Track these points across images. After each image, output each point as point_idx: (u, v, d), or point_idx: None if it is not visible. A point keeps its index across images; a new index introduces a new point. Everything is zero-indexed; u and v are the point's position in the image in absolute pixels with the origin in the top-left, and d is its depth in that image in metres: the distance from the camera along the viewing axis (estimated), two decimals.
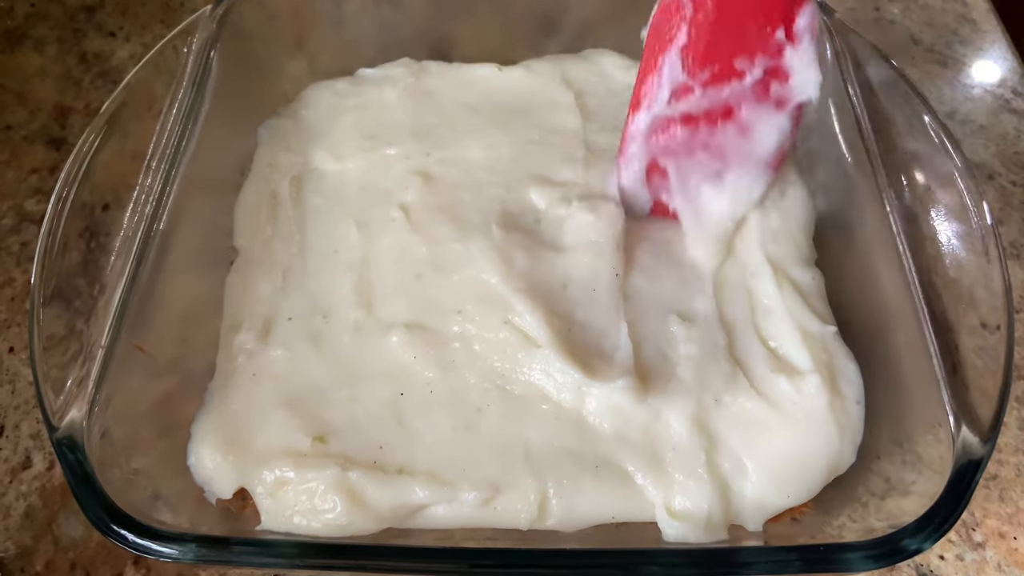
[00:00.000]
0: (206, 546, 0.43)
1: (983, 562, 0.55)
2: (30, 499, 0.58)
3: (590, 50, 0.75)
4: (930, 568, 0.55)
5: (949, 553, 0.56)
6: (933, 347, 0.48)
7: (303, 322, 0.57)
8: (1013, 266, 0.69)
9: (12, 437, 0.61)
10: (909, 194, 0.54)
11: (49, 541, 0.56)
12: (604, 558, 0.43)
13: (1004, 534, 0.56)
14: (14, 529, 0.57)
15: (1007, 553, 0.56)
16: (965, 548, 0.56)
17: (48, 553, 0.56)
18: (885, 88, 0.58)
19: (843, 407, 0.52)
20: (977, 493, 0.56)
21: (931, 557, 0.56)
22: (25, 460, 0.60)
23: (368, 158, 0.66)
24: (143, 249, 0.53)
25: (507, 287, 0.56)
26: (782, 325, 0.55)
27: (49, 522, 0.57)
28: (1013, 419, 0.61)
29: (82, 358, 0.48)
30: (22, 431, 0.61)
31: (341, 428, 0.53)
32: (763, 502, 0.50)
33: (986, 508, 0.57)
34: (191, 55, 0.61)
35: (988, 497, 0.58)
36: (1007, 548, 0.56)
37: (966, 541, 0.56)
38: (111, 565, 0.55)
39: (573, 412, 0.53)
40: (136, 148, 0.56)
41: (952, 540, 0.56)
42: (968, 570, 0.55)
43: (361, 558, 0.44)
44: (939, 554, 0.56)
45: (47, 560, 0.56)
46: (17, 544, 0.56)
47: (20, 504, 0.58)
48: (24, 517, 0.57)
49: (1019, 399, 0.62)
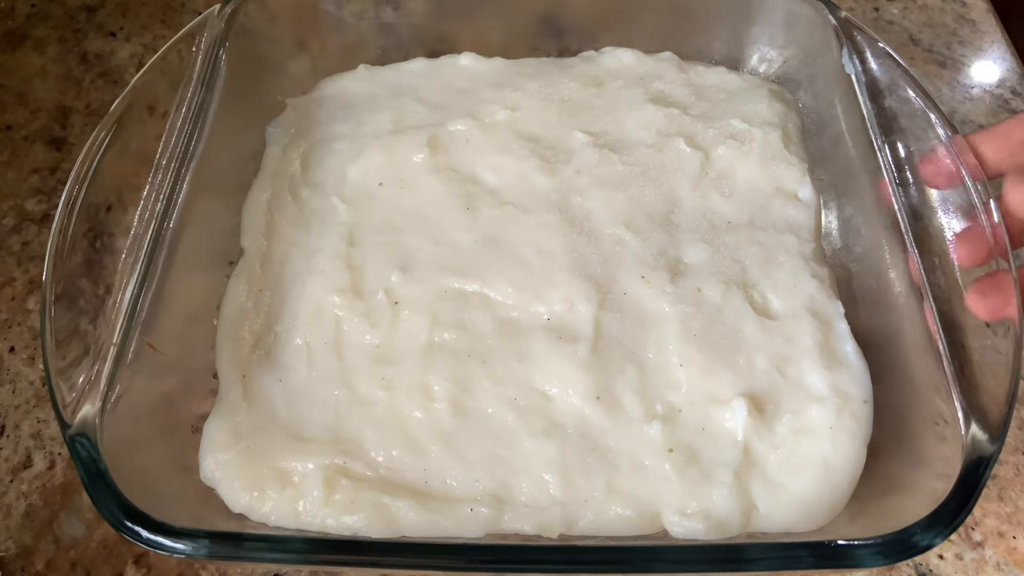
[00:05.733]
0: (219, 542, 0.43)
1: (982, 561, 0.56)
2: (31, 498, 0.58)
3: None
4: (929, 567, 0.56)
5: (948, 552, 0.56)
6: (942, 345, 0.48)
7: (309, 327, 0.57)
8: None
9: (13, 437, 0.61)
10: (916, 192, 0.54)
11: (50, 540, 0.56)
12: (608, 554, 0.43)
13: (1003, 533, 0.57)
14: (14, 528, 0.57)
15: (1006, 552, 0.56)
16: (964, 547, 0.56)
17: (49, 552, 0.56)
18: (893, 88, 0.59)
19: (854, 412, 0.52)
20: None
21: (930, 556, 0.56)
22: (26, 460, 0.60)
23: (383, 157, 0.66)
24: (153, 248, 0.53)
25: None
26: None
27: (50, 521, 0.57)
28: (1013, 419, 0.61)
29: (91, 356, 0.48)
30: (23, 431, 0.61)
31: (356, 434, 0.53)
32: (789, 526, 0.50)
33: (985, 507, 0.58)
34: (199, 54, 0.61)
35: (987, 496, 0.58)
36: (1006, 547, 0.56)
37: (965, 540, 0.56)
38: (112, 564, 0.55)
39: None
40: (139, 149, 0.56)
41: (951, 539, 0.56)
42: (967, 569, 0.55)
43: (374, 555, 0.44)
44: (938, 553, 0.56)
45: (48, 559, 0.55)
46: (17, 543, 0.56)
47: (21, 503, 0.58)
48: (24, 516, 0.57)
49: (1019, 399, 0.62)
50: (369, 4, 0.73)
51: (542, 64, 0.73)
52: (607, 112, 0.68)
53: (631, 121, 0.67)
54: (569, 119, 0.67)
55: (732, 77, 0.72)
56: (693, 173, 0.64)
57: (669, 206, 0.62)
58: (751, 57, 0.74)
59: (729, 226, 0.61)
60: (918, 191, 0.55)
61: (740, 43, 0.73)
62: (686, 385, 0.54)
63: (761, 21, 0.71)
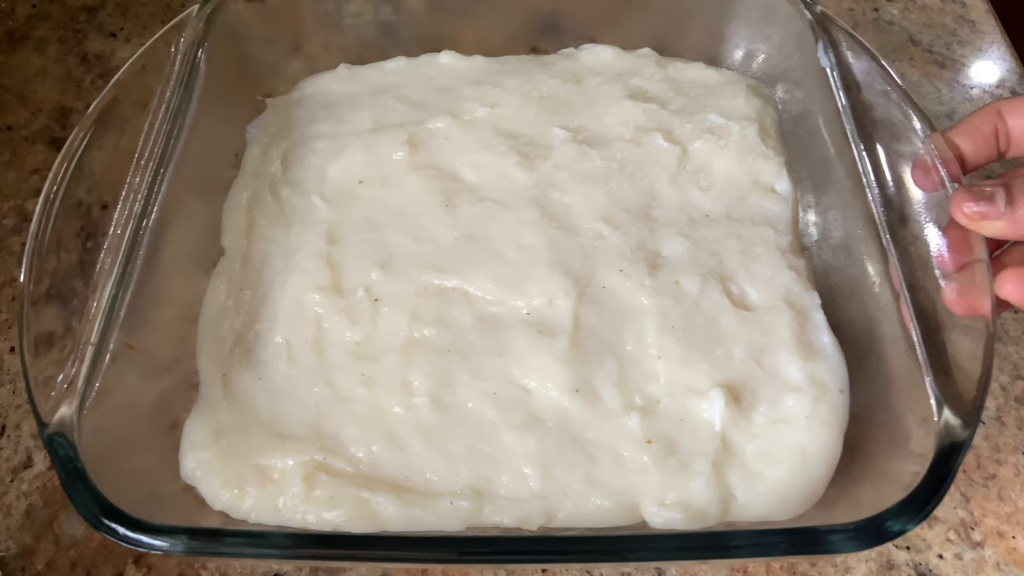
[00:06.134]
0: (197, 538, 0.43)
1: (982, 561, 0.56)
2: (31, 498, 0.58)
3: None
4: (929, 567, 0.56)
5: (948, 552, 0.56)
6: (916, 334, 0.49)
7: (290, 325, 0.57)
8: None
9: (13, 437, 0.61)
10: (892, 186, 0.55)
11: (50, 540, 0.56)
12: (586, 544, 0.44)
13: (1003, 533, 0.57)
14: (15, 528, 0.57)
15: (1006, 552, 0.56)
16: (964, 547, 0.56)
17: (49, 552, 0.56)
18: (870, 84, 0.59)
19: (830, 401, 0.53)
20: (976, 492, 0.57)
21: (930, 556, 0.56)
22: (26, 459, 0.60)
23: (364, 156, 0.66)
24: (131, 247, 0.53)
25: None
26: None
27: (50, 521, 0.57)
28: (1012, 419, 0.62)
29: (70, 355, 0.48)
30: (23, 431, 0.61)
31: (336, 430, 0.53)
32: (766, 515, 0.50)
33: (985, 507, 0.58)
34: (179, 54, 0.62)
35: (987, 496, 0.58)
36: (1006, 547, 0.56)
37: (965, 540, 0.57)
38: (112, 564, 0.55)
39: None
40: (133, 146, 0.57)
41: (951, 539, 0.57)
42: (967, 569, 0.56)
43: (353, 548, 0.44)
44: (938, 553, 0.56)
45: (48, 559, 0.55)
46: (18, 543, 0.56)
47: (21, 503, 0.58)
48: (25, 516, 0.57)
49: (1019, 399, 0.63)
50: (354, 4, 0.73)
51: (522, 61, 0.73)
52: (586, 108, 0.68)
53: (609, 117, 0.67)
54: (548, 115, 0.68)
55: (711, 72, 0.72)
56: (671, 167, 0.64)
57: (647, 200, 0.62)
58: (730, 52, 0.74)
59: (707, 219, 0.61)
60: (894, 184, 0.55)
61: (719, 38, 0.74)
62: (664, 377, 0.54)
63: (740, 16, 0.72)
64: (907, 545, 0.56)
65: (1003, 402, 0.63)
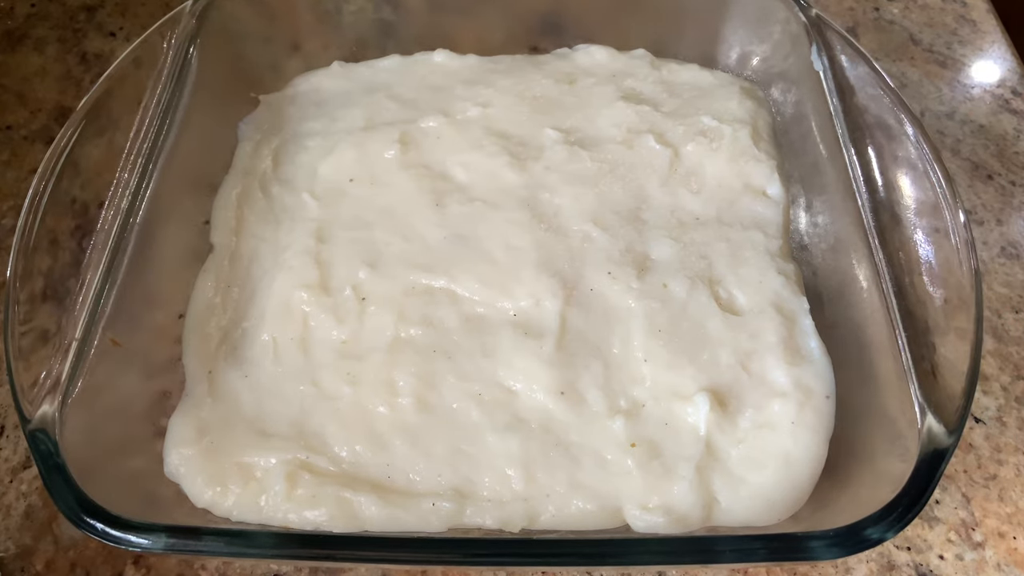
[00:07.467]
0: (176, 536, 0.43)
1: (983, 562, 0.56)
2: (30, 499, 0.58)
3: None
4: (930, 568, 0.55)
5: (949, 553, 0.56)
6: (901, 341, 0.48)
7: (277, 323, 0.57)
8: (1012, 266, 0.69)
9: (12, 437, 0.61)
10: (882, 189, 0.54)
11: (49, 541, 0.56)
12: (567, 547, 0.43)
13: (1004, 534, 0.57)
14: (14, 529, 0.57)
15: (1007, 553, 0.56)
16: (965, 548, 0.56)
17: (48, 553, 0.56)
18: (863, 87, 0.59)
19: (816, 407, 0.53)
20: (977, 493, 0.57)
21: (931, 556, 0.56)
22: (26, 460, 0.60)
23: (355, 154, 0.66)
24: (118, 244, 0.53)
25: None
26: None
27: (49, 522, 0.57)
28: (1013, 419, 0.61)
29: (54, 352, 0.48)
30: (23, 431, 0.61)
31: (320, 429, 0.53)
32: (750, 520, 0.50)
33: (986, 508, 0.57)
34: (171, 50, 0.62)
35: (988, 497, 0.58)
36: (1007, 548, 0.56)
37: (966, 541, 0.56)
38: (111, 565, 0.55)
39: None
40: (123, 142, 0.57)
41: (952, 540, 0.56)
42: (968, 570, 0.55)
43: (334, 548, 0.44)
44: (939, 554, 0.56)
45: (47, 560, 0.55)
46: (17, 544, 0.56)
47: (20, 504, 0.58)
48: (24, 517, 0.57)
49: (1020, 399, 0.62)
50: (353, 2, 0.73)
51: (515, 61, 0.73)
52: (578, 109, 0.68)
53: (602, 118, 0.67)
54: (540, 116, 0.68)
55: (704, 74, 0.72)
56: (662, 170, 0.64)
57: (638, 202, 0.62)
58: (726, 54, 0.74)
59: (697, 222, 0.61)
60: (884, 188, 0.55)
61: (716, 40, 0.73)
62: (650, 380, 0.54)
63: (736, 18, 0.72)
64: (908, 546, 0.56)
65: (1004, 402, 0.62)
